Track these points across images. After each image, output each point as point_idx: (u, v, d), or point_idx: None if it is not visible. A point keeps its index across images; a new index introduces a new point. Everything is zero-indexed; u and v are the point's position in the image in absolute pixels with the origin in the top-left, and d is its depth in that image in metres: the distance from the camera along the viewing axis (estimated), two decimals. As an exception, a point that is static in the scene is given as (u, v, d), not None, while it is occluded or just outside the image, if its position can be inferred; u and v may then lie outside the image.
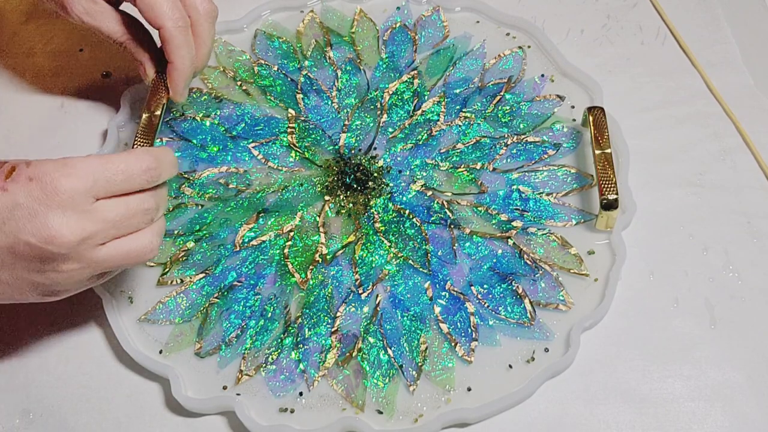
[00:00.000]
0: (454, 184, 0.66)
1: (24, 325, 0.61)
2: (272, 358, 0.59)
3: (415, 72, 0.72)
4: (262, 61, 0.74)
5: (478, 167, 0.67)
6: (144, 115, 0.63)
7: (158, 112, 0.63)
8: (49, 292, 0.52)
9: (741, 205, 0.65)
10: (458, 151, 0.68)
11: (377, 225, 0.64)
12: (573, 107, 0.70)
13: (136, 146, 0.61)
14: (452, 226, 0.64)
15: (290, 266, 0.63)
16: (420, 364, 0.58)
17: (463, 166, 0.67)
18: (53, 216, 0.47)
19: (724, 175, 0.67)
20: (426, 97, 0.71)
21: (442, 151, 0.68)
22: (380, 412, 0.56)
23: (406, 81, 0.72)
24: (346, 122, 0.70)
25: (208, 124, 0.70)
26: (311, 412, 0.57)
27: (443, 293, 0.61)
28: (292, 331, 0.60)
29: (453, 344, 0.59)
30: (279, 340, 0.60)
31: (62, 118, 0.72)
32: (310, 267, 0.63)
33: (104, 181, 0.49)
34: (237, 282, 0.62)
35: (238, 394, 0.57)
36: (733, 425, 0.56)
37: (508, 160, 0.67)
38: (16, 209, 0.47)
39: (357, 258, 0.63)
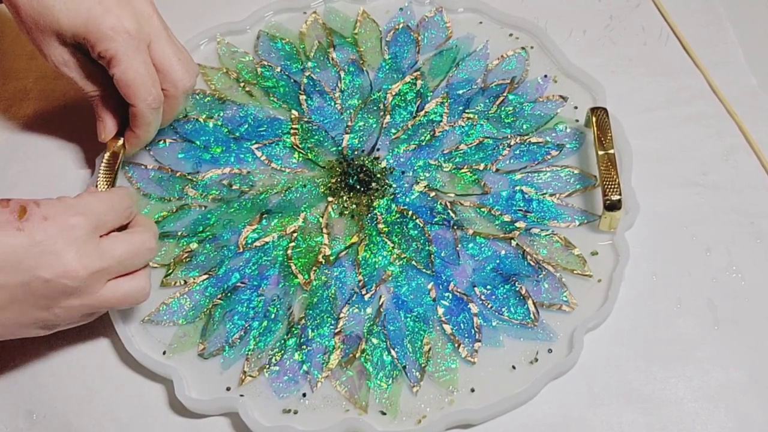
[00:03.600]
0: (457, 185, 0.66)
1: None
2: (275, 360, 0.59)
3: (418, 73, 0.72)
4: (265, 63, 0.74)
5: (481, 168, 0.67)
6: (106, 154, 0.65)
7: (119, 152, 0.65)
8: (47, 327, 0.55)
9: (744, 205, 0.65)
10: (461, 152, 0.68)
11: (380, 226, 0.64)
12: (576, 108, 0.70)
13: (99, 183, 0.64)
14: (455, 227, 0.64)
15: (293, 267, 0.63)
16: (423, 365, 0.58)
17: (466, 167, 0.67)
18: (69, 252, 0.50)
19: (726, 175, 0.66)
20: (429, 98, 0.71)
21: (445, 152, 0.68)
22: (383, 413, 0.56)
23: (409, 82, 0.72)
24: (349, 123, 0.70)
25: (211, 125, 0.70)
26: (314, 413, 0.57)
27: (446, 294, 0.61)
28: (295, 332, 0.60)
29: (456, 345, 0.59)
30: (282, 342, 0.60)
31: (65, 121, 0.72)
32: (314, 268, 0.63)
33: (102, 218, 0.53)
34: (240, 283, 0.62)
35: (241, 395, 0.57)
36: (737, 426, 0.56)
37: (511, 160, 0.67)
38: (34, 247, 0.50)
39: (360, 259, 0.63)
